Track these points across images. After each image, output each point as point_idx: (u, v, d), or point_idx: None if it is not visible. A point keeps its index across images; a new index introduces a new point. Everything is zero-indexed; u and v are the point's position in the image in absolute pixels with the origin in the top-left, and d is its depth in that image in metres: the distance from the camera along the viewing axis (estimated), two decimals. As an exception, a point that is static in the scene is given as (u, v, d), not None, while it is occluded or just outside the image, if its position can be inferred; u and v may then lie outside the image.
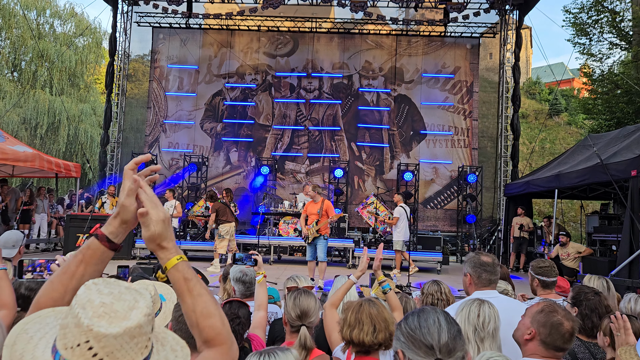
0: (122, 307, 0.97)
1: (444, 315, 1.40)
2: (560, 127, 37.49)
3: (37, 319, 1.10)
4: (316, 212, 8.42)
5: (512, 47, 16.24)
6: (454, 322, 1.40)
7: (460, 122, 16.76)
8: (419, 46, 17.24)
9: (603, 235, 10.99)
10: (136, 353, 0.98)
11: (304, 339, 2.28)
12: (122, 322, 0.96)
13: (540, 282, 3.48)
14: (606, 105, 18.61)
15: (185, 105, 17.36)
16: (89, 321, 0.93)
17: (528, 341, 2.11)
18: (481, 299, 2.31)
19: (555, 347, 2.05)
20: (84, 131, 22.62)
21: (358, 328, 2.05)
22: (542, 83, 44.83)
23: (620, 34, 19.20)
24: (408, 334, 1.38)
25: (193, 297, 1.20)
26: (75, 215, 12.12)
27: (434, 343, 1.32)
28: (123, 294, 1.01)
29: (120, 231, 1.24)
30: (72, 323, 0.95)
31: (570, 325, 2.07)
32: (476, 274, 2.71)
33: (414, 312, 1.45)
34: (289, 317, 2.44)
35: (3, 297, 2.45)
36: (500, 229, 14.29)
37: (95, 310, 0.95)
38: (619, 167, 8.60)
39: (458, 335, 1.36)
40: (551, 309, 2.13)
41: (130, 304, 0.99)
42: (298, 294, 2.50)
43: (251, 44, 17.65)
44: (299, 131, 17.14)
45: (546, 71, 39.45)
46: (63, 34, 24.33)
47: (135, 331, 0.96)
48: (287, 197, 15.01)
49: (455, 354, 1.32)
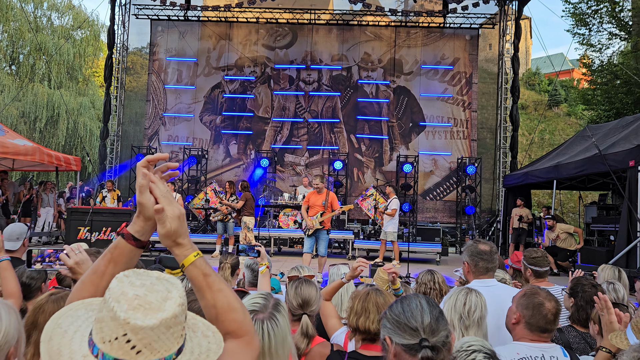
0: (156, 298, 0.98)
1: (425, 299, 1.48)
2: (560, 118, 37.48)
3: (68, 313, 1.10)
4: (321, 204, 8.09)
5: (511, 37, 16.21)
6: (435, 305, 1.47)
7: (459, 113, 16.77)
8: (418, 37, 17.20)
9: (601, 225, 11.05)
10: (172, 342, 0.99)
11: (306, 327, 2.33)
12: (158, 313, 0.96)
13: (533, 272, 3.52)
14: (605, 95, 18.60)
15: (184, 98, 17.36)
16: (125, 314, 0.94)
17: (515, 325, 2.17)
18: (469, 288, 2.35)
19: (539, 327, 2.09)
20: (83, 124, 22.60)
21: (364, 316, 2.09)
22: (542, 74, 44.75)
23: (619, 24, 19.14)
24: (393, 320, 1.44)
25: (213, 292, 1.21)
26: (77, 208, 12.14)
27: (418, 325, 1.39)
28: (155, 285, 1.01)
29: (147, 229, 1.24)
30: (108, 317, 0.96)
31: (552, 306, 2.12)
32: (473, 262, 2.73)
33: (397, 300, 1.53)
34: (290, 306, 2.48)
35: (9, 287, 2.50)
36: (499, 220, 14.34)
37: (129, 303, 0.96)
38: (617, 157, 8.64)
39: (440, 316, 1.43)
40: (533, 292, 2.19)
41: (164, 294, 1.00)
42: (299, 283, 2.53)
43: (250, 36, 17.61)
44: (298, 123, 17.14)
45: (545, 62, 39.38)
46: (61, 26, 24.25)
47: (170, 321, 0.98)
48: (287, 189, 15.05)
49: (439, 333, 1.39)
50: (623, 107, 17.17)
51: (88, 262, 1.99)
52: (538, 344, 2.07)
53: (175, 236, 1.21)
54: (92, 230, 10.79)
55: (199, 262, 1.22)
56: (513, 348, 2.06)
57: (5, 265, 2.56)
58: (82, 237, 10.85)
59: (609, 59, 20.34)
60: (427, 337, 1.37)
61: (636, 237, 8.07)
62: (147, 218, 1.22)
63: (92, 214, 10.58)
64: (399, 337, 1.41)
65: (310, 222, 8.06)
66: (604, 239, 10.94)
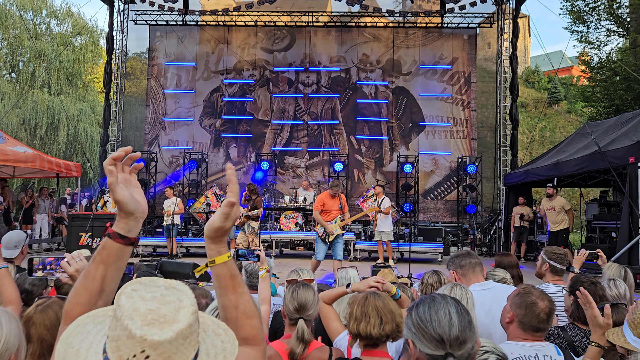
0: (169, 310, 0.97)
1: (454, 306, 1.39)
2: (560, 116, 37.46)
3: (77, 329, 1.09)
4: (337, 208, 7.91)
5: (509, 36, 16.20)
6: (464, 313, 1.38)
7: (458, 112, 16.77)
8: (416, 38, 17.22)
9: (603, 222, 11.02)
10: (190, 350, 0.99)
11: (302, 332, 2.30)
12: (173, 325, 0.96)
13: (550, 268, 3.50)
14: (605, 92, 18.61)
15: (183, 103, 17.38)
16: (141, 331, 0.93)
17: (509, 324, 2.17)
18: (457, 283, 2.37)
19: (531, 327, 2.09)
20: (83, 130, 22.62)
21: (365, 321, 2.04)
22: (541, 72, 44.74)
23: (617, 20, 19.15)
24: (418, 325, 1.37)
25: (237, 294, 1.23)
26: (78, 214, 12.19)
27: (445, 337, 1.32)
28: (166, 296, 1.00)
29: (132, 225, 1.23)
30: (124, 335, 0.94)
31: (545, 305, 2.11)
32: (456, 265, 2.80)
33: (425, 300, 1.44)
34: (287, 310, 2.46)
35: (8, 294, 2.50)
36: (500, 219, 14.34)
37: (143, 319, 0.94)
38: (617, 154, 8.64)
39: (468, 327, 1.35)
40: (526, 291, 2.19)
41: (176, 305, 0.99)
42: (296, 287, 2.51)
43: (248, 40, 17.64)
44: (298, 126, 17.16)
45: (544, 60, 39.35)
46: (60, 33, 24.29)
47: (186, 331, 0.97)
48: (288, 191, 15.06)
49: (465, 346, 1.32)
50: (622, 104, 17.17)
51: None
52: (531, 343, 2.07)
53: (225, 234, 1.25)
54: (93, 236, 10.82)
55: (230, 263, 1.25)
56: (507, 348, 2.06)
57: (4, 273, 2.56)
58: (83, 243, 10.87)
59: (608, 55, 20.35)
60: (453, 350, 1.31)
61: (637, 234, 8.05)
62: (128, 214, 1.21)
63: (93, 219, 10.61)
64: (423, 346, 1.34)
65: (330, 228, 7.78)
66: (605, 236, 10.91)
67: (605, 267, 3.68)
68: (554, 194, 10.56)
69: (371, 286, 2.44)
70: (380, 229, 10.56)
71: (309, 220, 13.74)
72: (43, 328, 2.00)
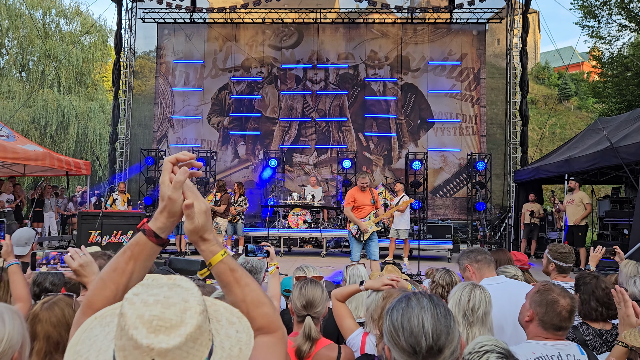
0: (175, 313, 0.92)
1: (431, 310, 1.27)
2: (570, 112, 37.14)
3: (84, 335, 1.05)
4: (370, 203, 7.39)
5: (519, 32, 16.04)
6: (442, 318, 1.26)
7: (468, 109, 16.65)
8: (425, 34, 17.11)
9: (615, 219, 10.90)
10: (202, 352, 0.95)
11: (308, 329, 2.26)
12: (180, 329, 0.91)
13: (556, 267, 3.46)
14: (616, 88, 18.40)
15: (192, 100, 17.41)
16: (147, 340, 0.89)
17: (528, 323, 2.10)
18: (474, 284, 2.31)
19: (553, 325, 2.03)
20: (92, 129, 22.76)
21: None
22: (551, 68, 44.37)
23: (629, 15, 18.91)
24: (391, 334, 1.28)
25: (241, 287, 1.20)
26: (87, 212, 12.23)
27: (417, 348, 1.23)
28: (170, 298, 0.94)
29: (168, 225, 1.21)
30: (130, 345, 0.90)
31: (567, 303, 2.05)
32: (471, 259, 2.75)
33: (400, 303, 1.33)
34: (294, 306, 2.43)
35: (17, 291, 2.50)
36: (510, 216, 14.22)
37: (148, 326, 0.90)
38: (630, 150, 8.51)
39: (445, 333, 1.24)
40: (547, 288, 2.12)
41: (181, 306, 0.94)
42: (304, 284, 2.47)
43: (256, 37, 17.62)
44: (306, 123, 17.12)
45: (555, 55, 39.01)
46: (69, 32, 24.44)
47: (196, 333, 0.93)
48: (296, 189, 15.03)
49: (442, 355, 1.24)
50: (634, 99, 16.97)
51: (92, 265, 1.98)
52: (553, 342, 2.01)
53: (202, 231, 1.20)
54: (102, 233, 10.86)
55: (226, 259, 1.22)
56: (528, 347, 2.00)
57: (14, 269, 2.56)
58: (93, 241, 10.92)
59: (619, 50, 20.13)
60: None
61: (651, 231, 7.94)
62: (172, 214, 1.20)
63: (103, 217, 10.64)
64: (397, 355, 1.27)
65: (364, 225, 7.26)
66: (617, 233, 10.80)
67: (621, 264, 3.61)
68: (576, 187, 10.40)
69: (385, 284, 2.37)
70: (397, 226, 10.47)
71: (317, 217, 13.72)
72: (49, 325, 1.98)
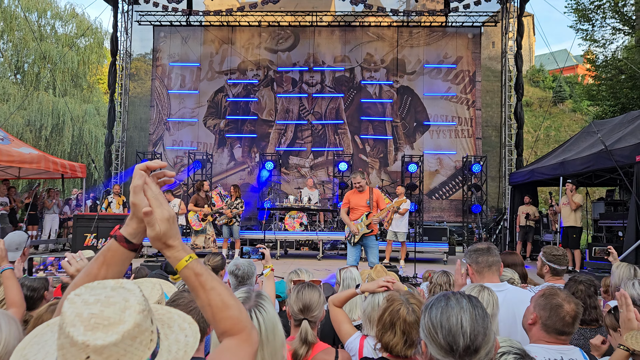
0: (114, 312, 0.94)
1: (469, 311, 1.29)
2: (565, 115, 37.30)
3: (34, 340, 1.06)
4: (365, 204, 6.97)
5: (514, 35, 16.13)
6: (480, 319, 1.29)
7: (463, 112, 16.71)
8: (421, 37, 17.17)
9: (609, 221, 10.95)
10: (142, 351, 0.96)
11: (305, 333, 2.26)
12: (118, 327, 0.93)
13: (550, 269, 3.47)
14: (610, 91, 18.50)
15: (188, 103, 17.40)
16: (83, 337, 0.90)
17: (532, 326, 2.10)
18: (482, 285, 2.31)
19: (555, 330, 2.02)
20: (88, 131, 22.70)
21: (390, 334, 1.93)
22: (546, 70, 44.57)
23: (623, 18, 19.04)
24: (429, 330, 1.31)
25: (206, 291, 1.19)
26: (82, 215, 12.21)
27: (454, 346, 1.26)
28: (111, 297, 0.96)
29: (139, 231, 1.22)
30: (67, 343, 0.91)
31: (571, 308, 2.04)
32: (473, 259, 2.69)
33: (440, 301, 1.35)
34: (291, 310, 2.43)
35: (11, 296, 2.49)
36: (506, 218, 14.27)
37: (86, 324, 0.91)
38: (624, 152, 8.58)
39: (482, 334, 1.27)
40: (552, 292, 2.11)
41: (121, 305, 0.95)
42: (302, 288, 2.47)
43: (252, 40, 17.64)
44: (302, 125, 17.14)
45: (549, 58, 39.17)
46: (65, 35, 24.38)
47: (134, 331, 0.94)
48: (292, 191, 15.04)
49: (478, 355, 1.26)
50: (628, 102, 17.06)
51: None
52: (556, 346, 2.01)
53: (165, 238, 1.19)
54: (98, 236, 10.84)
55: (191, 264, 1.21)
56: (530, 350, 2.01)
57: (8, 274, 2.54)
58: (88, 244, 10.90)
59: (613, 53, 20.25)
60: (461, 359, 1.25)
61: (645, 233, 7.99)
62: (140, 220, 1.21)
63: (98, 220, 10.63)
64: (434, 351, 1.29)
65: (354, 227, 6.86)
66: (612, 235, 10.84)
67: (614, 266, 3.63)
68: (573, 190, 10.42)
69: (381, 286, 2.36)
70: (396, 229, 10.49)
71: (313, 220, 13.72)
72: None
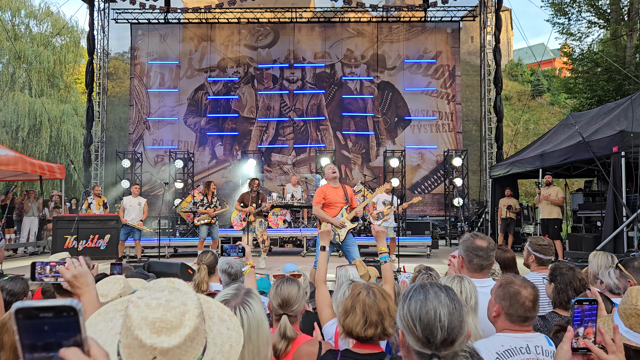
0: (175, 315, 1.03)
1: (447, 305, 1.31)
2: (544, 108, 37.83)
3: (91, 330, 1.12)
4: (342, 200, 6.39)
5: (492, 29, 16.25)
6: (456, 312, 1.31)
7: (444, 106, 16.84)
8: (400, 32, 17.24)
9: (588, 212, 11.14)
10: (197, 348, 1.05)
11: (284, 328, 2.26)
12: (180, 330, 1.02)
13: (536, 259, 3.52)
14: (587, 84, 18.79)
15: (167, 101, 17.23)
16: (151, 340, 0.99)
17: (496, 318, 2.12)
18: (461, 276, 2.33)
19: (519, 317, 2.05)
20: (66, 132, 22.31)
21: (351, 317, 1.96)
22: (524, 64, 45.12)
23: (598, 12, 19.36)
24: (407, 323, 1.33)
25: None
26: (62, 216, 12.01)
27: (431, 339, 1.28)
28: (171, 301, 1.05)
29: None
30: (135, 344, 1.00)
31: (529, 292, 2.07)
32: (467, 258, 2.64)
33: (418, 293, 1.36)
34: (272, 305, 2.44)
35: None
36: (487, 211, 14.42)
37: (152, 328, 1.00)
38: (601, 144, 8.73)
39: (458, 326, 1.30)
40: (508, 281, 2.13)
41: (181, 309, 1.04)
42: (280, 283, 2.47)
43: (232, 37, 17.52)
44: (284, 122, 17.10)
45: (527, 52, 39.69)
46: (40, 34, 23.87)
47: (193, 334, 1.03)
48: (275, 189, 14.99)
49: (453, 346, 1.29)
50: (605, 95, 17.35)
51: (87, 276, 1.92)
52: (522, 334, 2.03)
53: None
54: (79, 238, 10.67)
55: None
56: (497, 340, 2.03)
57: None
58: (69, 246, 10.72)
59: (589, 47, 20.58)
60: (439, 351, 1.28)
61: (622, 223, 8.15)
62: None
63: (79, 221, 10.46)
64: (412, 342, 1.32)
65: (339, 221, 6.21)
66: (591, 226, 11.02)
67: (591, 255, 3.69)
68: (552, 181, 10.53)
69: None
70: (384, 223, 10.30)
71: (297, 217, 13.70)
72: None
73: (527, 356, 1.97)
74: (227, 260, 3.28)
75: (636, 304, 1.81)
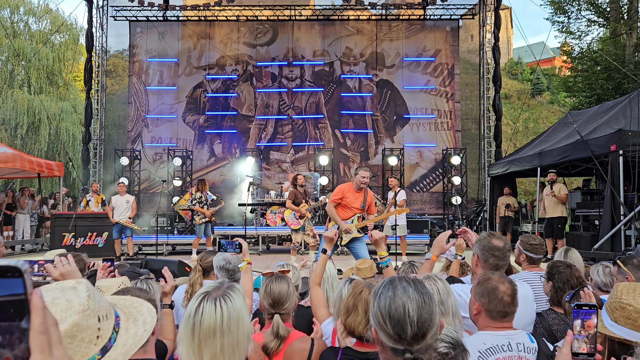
0: (55, 312, 0.99)
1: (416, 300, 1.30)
2: (543, 106, 37.79)
3: None
4: (359, 206, 6.27)
5: (491, 28, 16.24)
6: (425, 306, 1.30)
7: (442, 104, 16.82)
8: (399, 30, 17.22)
9: (586, 210, 11.13)
10: (86, 348, 1.01)
11: (277, 327, 2.25)
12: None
13: (527, 258, 3.51)
14: (586, 82, 18.80)
15: (166, 99, 17.20)
16: None
17: (478, 316, 2.11)
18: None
19: (499, 313, 2.05)
20: (65, 130, 22.29)
21: (353, 315, 1.95)
22: (524, 63, 45.07)
23: (597, 10, 19.34)
24: (378, 320, 1.33)
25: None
26: (60, 214, 12.01)
27: (402, 335, 1.28)
28: (57, 299, 1.02)
29: None
30: None
31: (506, 287, 2.06)
32: (484, 257, 2.63)
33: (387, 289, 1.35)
34: (263, 304, 2.43)
35: None
36: (485, 209, 14.42)
37: None
38: (599, 142, 8.73)
39: (428, 320, 1.29)
40: (485, 278, 2.14)
41: (64, 305, 1.01)
42: (270, 282, 2.45)
43: (231, 35, 17.49)
44: (283, 120, 17.08)
45: (527, 51, 39.64)
46: (38, 31, 23.85)
47: (72, 330, 0.99)
48: (273, 187, 14.97)
49: (425, 339, 1.28)
50: (604, 93, 17.35)
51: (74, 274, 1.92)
52: (503, 332, 2.03)
53: None
54: (77, 235, 10.67)
55: None
56: (479, 338, 2.02)
57: None
58: (67, 243, 10.72)
59: (589, 45, 20.58)
60: (410, 346, 1.27)
61: (620, 221, 8.16)
62: None
63: (76, 219, 10.45)
64: (384, 338, 1.31)
65: (345, 226, 6.10)
66: (588, 224, 11.02)
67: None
68: (556, 179, 10.46)
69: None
70: (397, 222, 10.08)
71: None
72: None
73: (509, 354, 1.97)
74: (224, 256, 3.24)
75: (620, 297, 1.83)
